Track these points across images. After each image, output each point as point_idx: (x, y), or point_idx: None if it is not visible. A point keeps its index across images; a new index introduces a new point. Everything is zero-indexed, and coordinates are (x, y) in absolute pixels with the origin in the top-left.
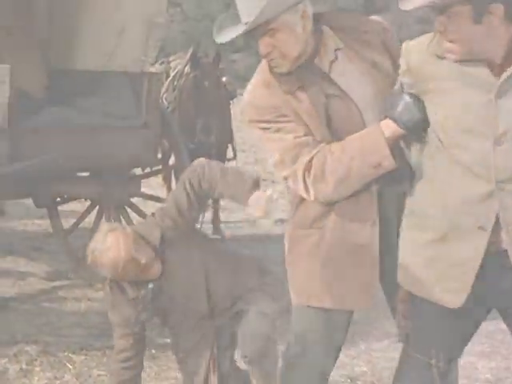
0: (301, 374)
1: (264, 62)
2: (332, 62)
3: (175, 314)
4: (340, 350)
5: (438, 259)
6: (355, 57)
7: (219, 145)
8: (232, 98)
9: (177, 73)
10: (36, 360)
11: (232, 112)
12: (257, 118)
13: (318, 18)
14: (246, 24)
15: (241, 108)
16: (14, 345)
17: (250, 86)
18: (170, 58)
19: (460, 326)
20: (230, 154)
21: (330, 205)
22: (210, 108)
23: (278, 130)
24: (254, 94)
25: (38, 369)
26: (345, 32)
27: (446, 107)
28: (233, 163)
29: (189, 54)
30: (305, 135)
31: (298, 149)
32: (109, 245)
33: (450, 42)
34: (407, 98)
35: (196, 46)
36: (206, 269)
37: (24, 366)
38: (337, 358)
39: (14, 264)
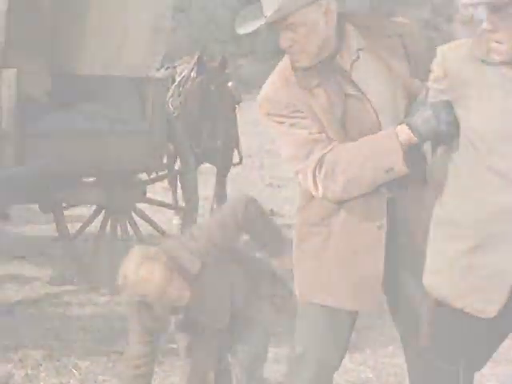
0: (304, 373)
1: (285, 57)
2: (354, 61)
3: (193, 327)
4: (345, 351)
5: (473, 269)
6: (375, 58)
7: (225, 150)
8: (238, 103)
9: (183, 78)
10: (41, 365)
11: (238, 117)
12: (272, 112)
13: (343, 17)
14: (266, 17)
15: (258, 101)
16: (19, 350)
17: (268, 80)
18: (176, 63)
19: (490, 335)
20: (235, 158)
21: (339, 203)
22: (215, 113)
23: (292, 125)
24: (272, 88)
25: (43, 374)
26: (368, 33)
27: (484, 114)
28: (239, 168)
29: (195, 59)
30: (319, 132)
31: (311, 145)
32: (142, 276)
33: (497, 42)
34: (428, 109)
35: (202, 50)
36: (231, 283)
37: (29, 371)
38: (342, 358)
39: (19, 268)
